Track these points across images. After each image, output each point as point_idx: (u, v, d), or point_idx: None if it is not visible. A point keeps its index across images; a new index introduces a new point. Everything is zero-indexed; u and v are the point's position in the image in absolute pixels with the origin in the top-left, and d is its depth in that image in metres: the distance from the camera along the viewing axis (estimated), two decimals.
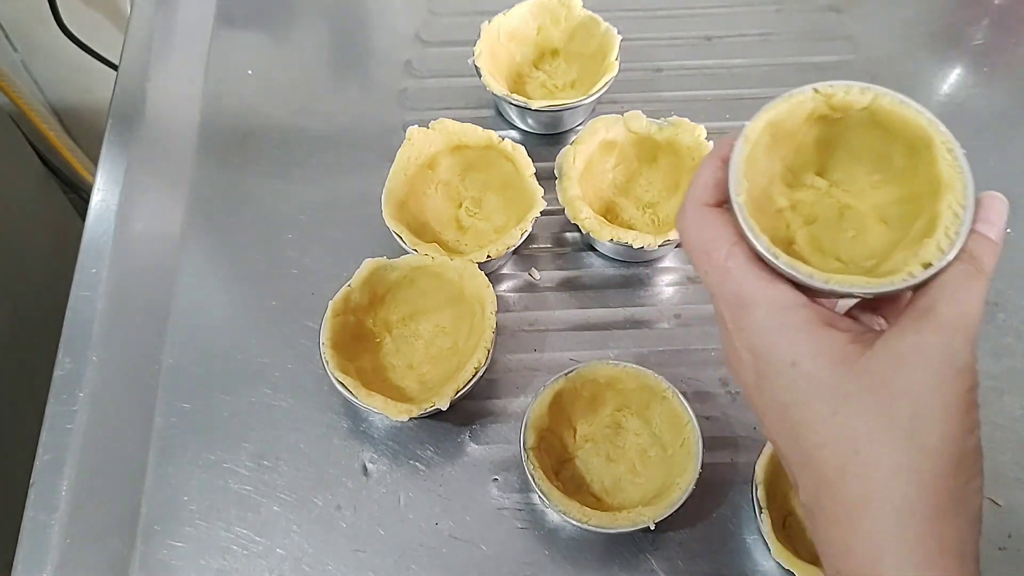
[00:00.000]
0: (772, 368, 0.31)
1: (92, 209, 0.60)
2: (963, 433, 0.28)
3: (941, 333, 0.29)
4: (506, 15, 0.62)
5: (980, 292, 0.30)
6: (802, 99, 0.32)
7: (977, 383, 0.29)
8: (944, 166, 0.31)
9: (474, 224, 0.59)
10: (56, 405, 0.52)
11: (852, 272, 0.33)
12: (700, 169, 0.33)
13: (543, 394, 0.49)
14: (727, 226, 0.32)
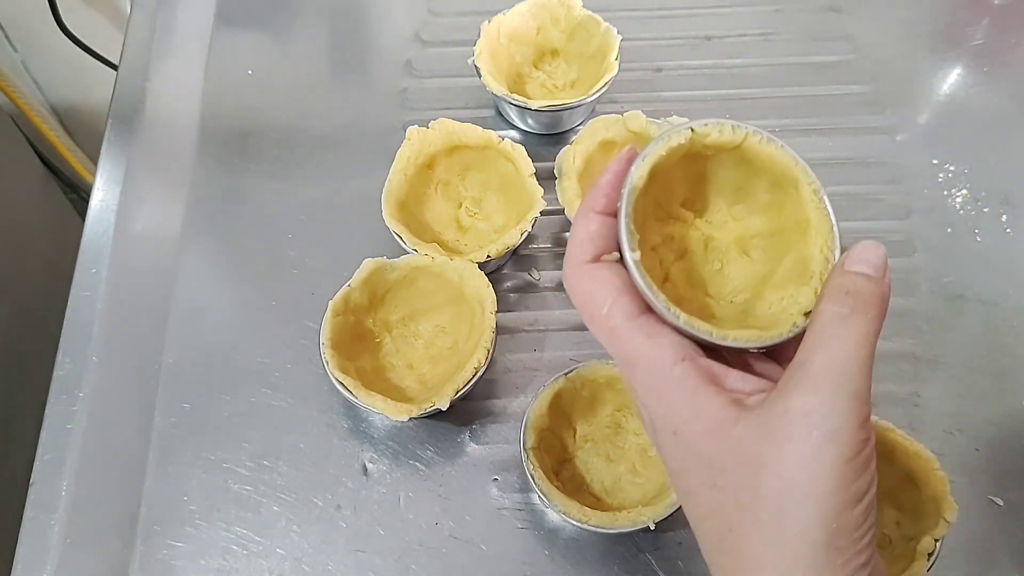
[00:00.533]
0: (660, 433, 0.30)
1: (92, 209, 0.60)
2: (837, 511, 0.26)
3: (809, 395, 0.26)
4: (506, 15, 0.62)
5: (856, 336, 0.27)
6: (680, 142, 0.31)
7: (862, 445, 0.26)
8: (811, 207, 0.31)
9: (474, 224, 0.59)
10: (56, 405, 0.52)
11: (733, 318, 0.33)
12: (575, 226, 0.32)
13: (543, 394, 0.49)
14: (605, 283, 0.30)
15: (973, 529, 0.49)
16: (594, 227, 0.31)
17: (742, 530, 0.27)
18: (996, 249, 0.59)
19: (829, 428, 0.26)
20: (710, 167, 0.34)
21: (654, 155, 0.31)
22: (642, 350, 0.29)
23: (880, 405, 0.53)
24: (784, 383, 0.28)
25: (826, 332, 0.28)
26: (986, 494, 0.50)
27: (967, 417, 0.53)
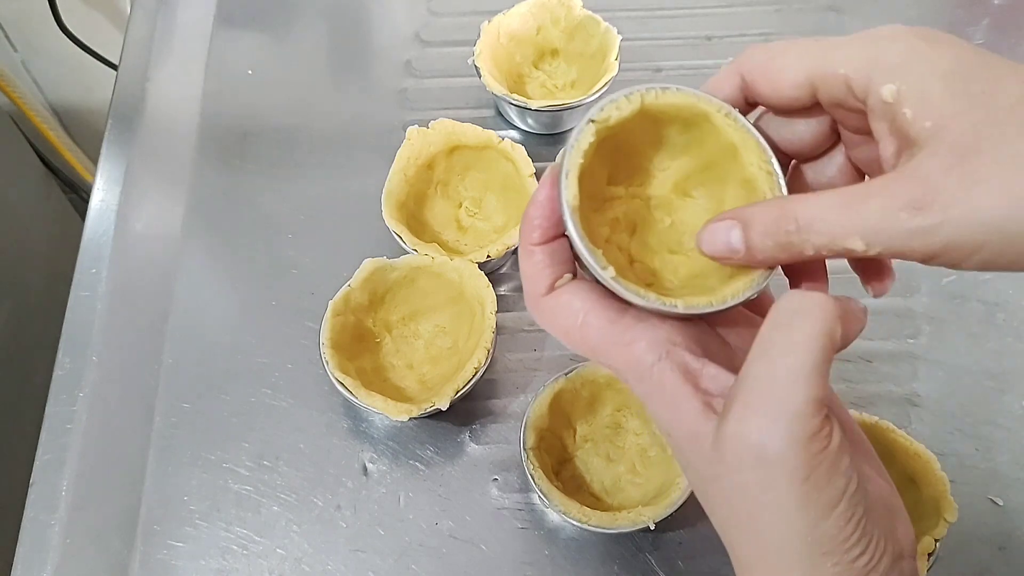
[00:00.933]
0: (661, 432, 0.30)
1: (92, 209, 0.60)
2: (809, 526, 0.25)
3: (743, 421, 0.25)
4: (506, 15, 0.62)
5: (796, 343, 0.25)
6: (591, 140, 0.30)
7: (816, 459, 0.24)
8: (731, 132, 0.30)
9: (474, 224, 0.59)
10: (56, 405, 0.52)
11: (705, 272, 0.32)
12: (521, 264, 0.31)
13: (543, 394, 0.49)
14: (568, 308, 0.29)
15: (973, 529, 0.49)
16: (538, 258, 0.30)
17: (732, 536, 0.28)
18: None
19: (773, 455, 0.25)
20: (622, 139, 0.33)
21: (575, 167, 0.30)
22: (621, 359, 0.29)
23: (880, 405, 0.53)
24: (729, 398, 0.26)
25: (765, 339, 0.26)
26: (986, 494, 0.50)
27: (967, 417, 0.53)
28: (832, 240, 0.26)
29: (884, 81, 0.26)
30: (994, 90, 0.24)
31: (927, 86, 0.25)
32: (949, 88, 0.24)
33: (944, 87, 0.25)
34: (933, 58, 0.25)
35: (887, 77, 0.26)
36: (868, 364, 0.55)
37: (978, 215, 0.24)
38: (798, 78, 0.28)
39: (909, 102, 0.25)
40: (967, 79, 0.24)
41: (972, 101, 0.24)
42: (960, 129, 0.24)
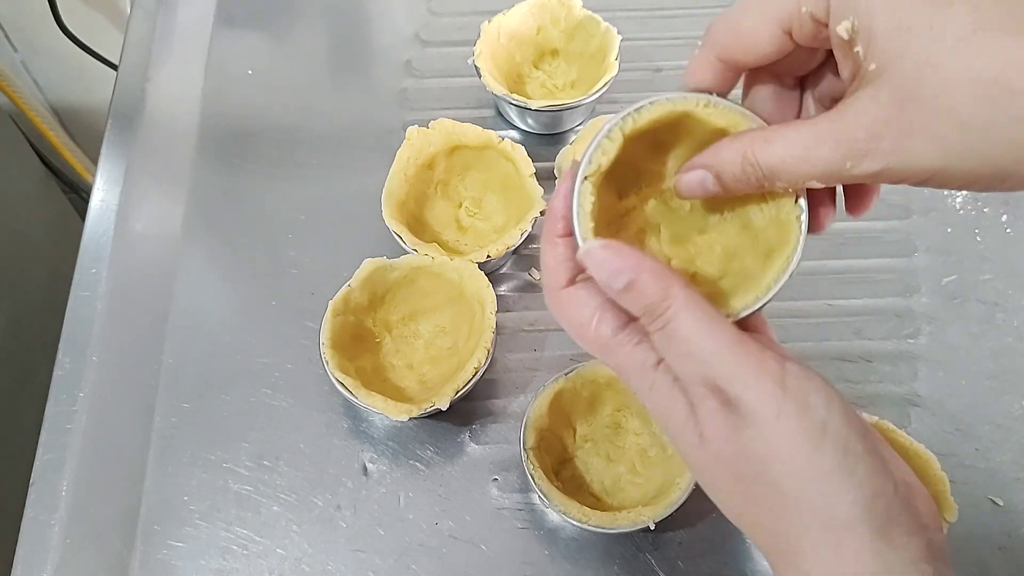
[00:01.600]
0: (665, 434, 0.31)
1: (92, 209, 0.60)
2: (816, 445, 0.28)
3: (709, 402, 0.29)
4: (506, 15, 0.62)
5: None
6: (591, 196, 0.31)
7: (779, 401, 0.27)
8: (714, 118, 0.31)
9: (474, 224, 0.59)
10: (56, 405, 0.52)
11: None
12: (544, 255, 0.32)
13: (543, 394, 0.49)
14: (585, 303, 0.31)
15: (973, 529, 0.49)
16: (561, 251, 0.31)
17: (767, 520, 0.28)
18: (996, 249, 0.59)
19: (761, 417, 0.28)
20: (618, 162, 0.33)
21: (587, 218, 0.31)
22: (628, 358, 0.30)
23: (880, 405, 0.53)
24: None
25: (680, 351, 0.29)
26: (986, 494, 0.50)
27: (967, 417, 0.53)
28: (794, 182, 0.29)
29: (841, 17, 0.26)
30: (943, 23, 0.24)
31: (876, 23, 0.25)
32: (896, 25, 0.25)
33: (891, 24, 0.25)
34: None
35: (842, 11, 0.26)
36: (868, 364, 0.55)
37: (915, 163, 0.25)
38: (771, 32, 0.29)
39: (861, 38, 0.26)
40: (914, 11, 0.25)
41: (917, 40, 0.24)
42: (902, 73, 0.25)
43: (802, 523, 0.27)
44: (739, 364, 0.27)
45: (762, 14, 0.28)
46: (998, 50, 0.23)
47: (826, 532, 0.27)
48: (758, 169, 0.29)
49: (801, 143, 0.28)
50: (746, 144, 0.29)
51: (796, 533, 0.28)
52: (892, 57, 0.25)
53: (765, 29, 0.28)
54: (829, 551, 0.27)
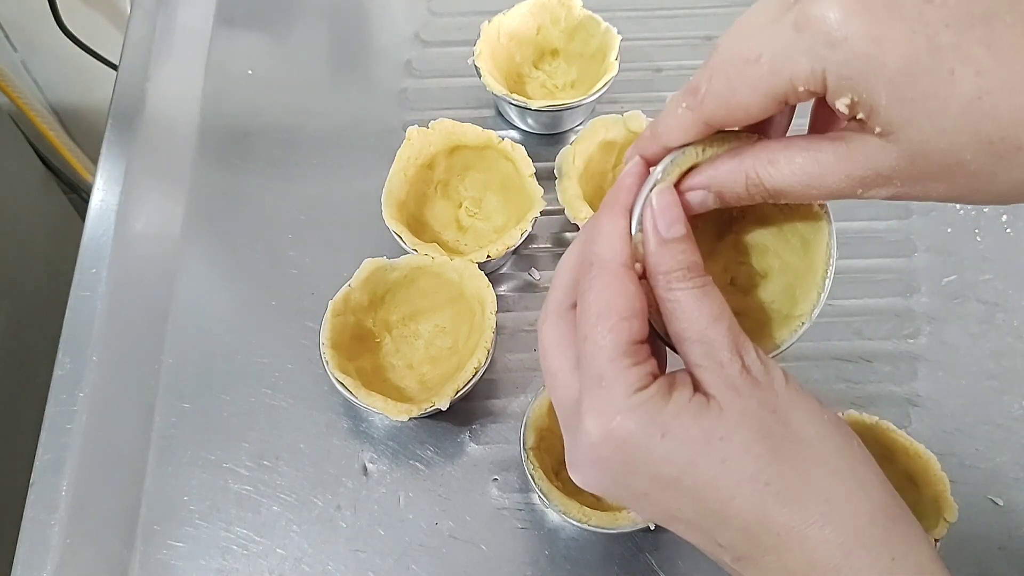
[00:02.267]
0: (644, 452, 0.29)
1: (92, 209, 0.60)
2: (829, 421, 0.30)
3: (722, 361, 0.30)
4: (506, 15, 0.62)
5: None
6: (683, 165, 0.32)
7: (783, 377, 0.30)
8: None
9: (474, 224, 0.59)
10: (56, 405, 0.52)
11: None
12: (608, 226, 0.31)
13: (543, 394, 0.49)
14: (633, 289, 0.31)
15: (973, 529, 0.49)
16: (624, 225, 0.31)
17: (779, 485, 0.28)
18: (996, 249, 0.59)
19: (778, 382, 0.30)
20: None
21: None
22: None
23: (880, 405, 0.53)
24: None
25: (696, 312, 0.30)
26: (986, 494, 0.50)
27: (967, 417, 0.53)
28: (800, 200, 0.30)
29: (838, 94, 0.26)
30: (947, 94, 0.25)
31: (877, 99, 0.26)
32: (899, 98, 0.25)
33: (893, 98, 0.25)
34: (882, 63, 0.25)
35: (841, 89, 0.26)
36: (868, 364, 0.55)
37: (925, 196, 0.28)
38: (763, 105, 0.28)
39: (863, 110, 0.26)
40: (915, 86, 0.25)
41: (922, 110, 0.25)
42: (909, 138, 0.26)
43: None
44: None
45: (754, 89, 0.28)
46: (1003, 112, 0.24)
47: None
48: (763, 190, 0.29)
49: (808, 172, 0.28)
50: (748, 165, 0.30)
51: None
52: (897, 126, 0.26)
53: (758, 103, 0.28)
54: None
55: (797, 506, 0.28)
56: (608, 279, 0.30)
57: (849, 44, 0.25)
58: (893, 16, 0.25)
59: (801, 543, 0.28)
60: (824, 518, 0.28)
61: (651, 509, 0.31)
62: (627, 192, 0.31)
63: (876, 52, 0.25)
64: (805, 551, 0.28)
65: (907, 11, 0.25)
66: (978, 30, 0.24)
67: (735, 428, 0.28)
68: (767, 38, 0.27)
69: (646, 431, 0.28)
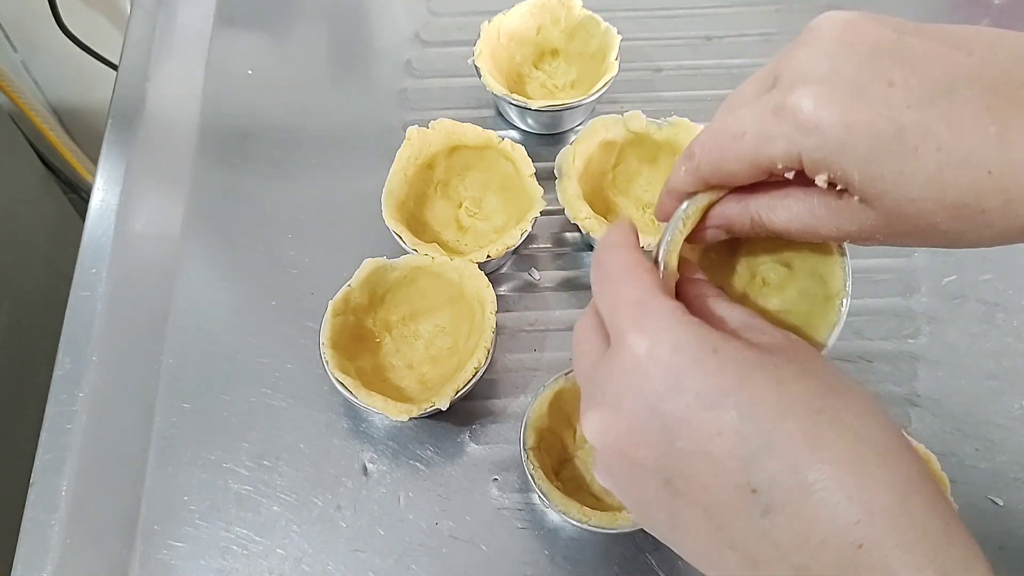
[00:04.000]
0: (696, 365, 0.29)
1: (92, 209, 0.60)
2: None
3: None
4: (506, 15, 0.62)
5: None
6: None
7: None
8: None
9: (474, 224, 0.59)
10: (56, 405, 0.52)
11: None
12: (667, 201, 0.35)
13: (543, 394, 0.49)
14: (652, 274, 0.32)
15: (973, 529, 0.49)
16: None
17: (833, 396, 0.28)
18: (996, 249, 0.58)
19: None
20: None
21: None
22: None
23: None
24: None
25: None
26: (986, 494, 0.50)
27: (967, 417, 0.53)
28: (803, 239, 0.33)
29: (815, 172, 0.29)
30: (911, 169, 0.27)
31: (850, 176, 0.28)
32: (870, 176, 0.28)
33: (865, 176, 0.28)
34: (851, 146, 0.28)
35: (816, 168, 0.29)
36: (868, 364, 0.55)
37: (909, 245, 0.30)
38: (751, 174, 0.31)
39: (840, 183, 0.29)
40: (883, 164, 0.27)
41: (893, 184, 0.27)
42: (883, 206, 0.28)
43: None
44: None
45: (739, 161, 0.31)
46: (964, 181, 0.27)
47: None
48: (767, 230, 0.33)
49: (803, 221, 0.31)
50: (752, 209, 0.32)
51: None
52: (872, 197, 0.28)
53: (745, 172, 0.31)
54: None
55: (850, 445, 0.26)
56: (624, 251, 0.32)
57: (821, 131, 0.28)
58: (860, 102, 0.27)
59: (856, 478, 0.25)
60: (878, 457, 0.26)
61: (681, 445, 0.28)
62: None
63: (846, 137, 0.27)
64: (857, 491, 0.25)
65: (872, 96, 0.27)
66: (939, 106, 0.27)
67: (786, 362, 0.28)
68: (750, 118, 0.30)
69: (699, 344, 0.28)
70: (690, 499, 0.28)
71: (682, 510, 0.29)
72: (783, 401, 0.27)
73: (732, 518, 0.27)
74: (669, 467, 0.28)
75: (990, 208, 0.27)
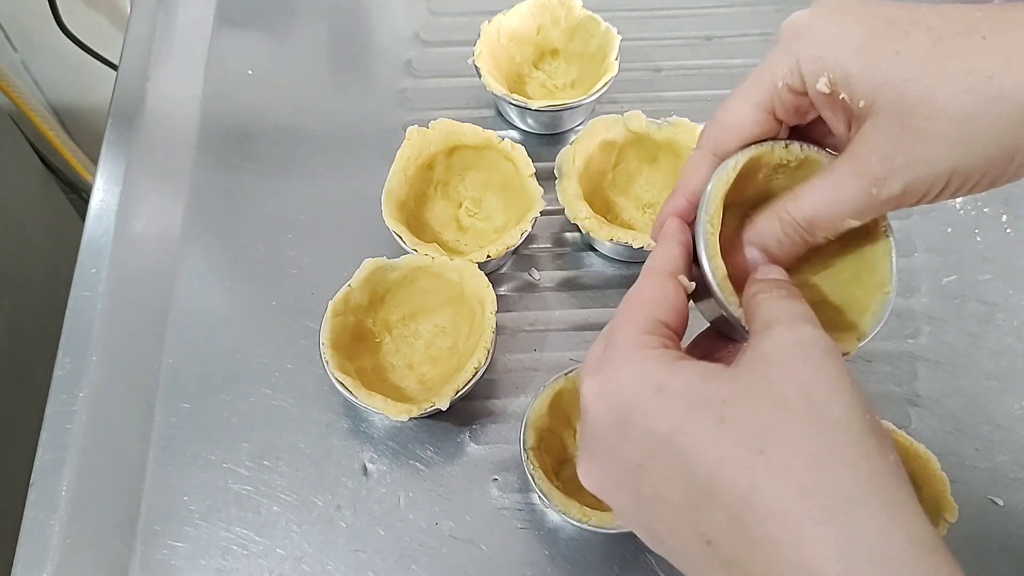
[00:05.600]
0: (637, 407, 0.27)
1: (92, 209, 0.60)
2: (863, 407, 0.25)
3: (790, 329, 0.28)
4: (506, 15, 0.62)
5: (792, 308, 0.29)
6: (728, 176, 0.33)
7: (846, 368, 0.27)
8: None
9: (474, 224, 0.59)
10: (56, 405, 0.52)
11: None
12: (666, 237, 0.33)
13: (543, 394, 0.49)
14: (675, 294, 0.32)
15: (973, 529, 0.49)
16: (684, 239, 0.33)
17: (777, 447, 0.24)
18: (996, 249, 0.59)
19: (823, 344, 0.27)
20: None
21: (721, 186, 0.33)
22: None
23: (880, 405, 0.53)
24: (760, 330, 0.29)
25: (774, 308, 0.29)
26: (986, 494, 0.50)
27: (967, 417, 0.53)
28: (834, 229, 0.31)
29: (816, 76, 0.30)
30: (907, 47, 0.28)
31: (849, 69, 0.29)
32: (867, 64, 0.28)
33: (863, 64, 0.28)
34: (846, 37, 0.29)
35: (815, 71, 0.29)
36: (868, 364, 0.55)
37: (931, 169, 0.28)
38: (755, 116, 0.32)
39: (841, 86, 0.29)
40: (879, 48, 0.28)
41: (890, 68, 0.28)
42: (888, 98, 0.28)
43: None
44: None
45: (744, 100, 0.32)
46: (961, 50, 0.27)
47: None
48: (796, 225, 0.31)
49: (827, 189, 0.30)
50: (778, 208, 0.32)
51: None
52: (875, 89, 0.28)
53: (749, 115, 0.32)
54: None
55: (791, 498, 0.23)
56: (649, 279, 0.32)
57: (814, 30, 0.29)
58: (847, 12, 0.29)
59: (794, 536, 0.23)
60: (824, 513, 0.23)
61: (644, 491, 0.27)
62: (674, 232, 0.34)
63: (839, 31, 0.29)
64: (798, 552, 0.23)
65: (858, 8, 0.29)
66: (924, 4, 0.28)
67: (740, 392, 0.26)
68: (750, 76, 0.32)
69: (641, 384, 0.27)
70: (668, 546, 0.28)
71: (670, 553, 0.28)
72: (722, 443, 0.25)
73: (705, 566, 0.26)
74: (644, 512, 0.28)
75: (995, 72, 0.27)
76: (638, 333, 0.29)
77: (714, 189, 0.33)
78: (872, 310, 0.34)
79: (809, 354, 0.26)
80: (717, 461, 0.25)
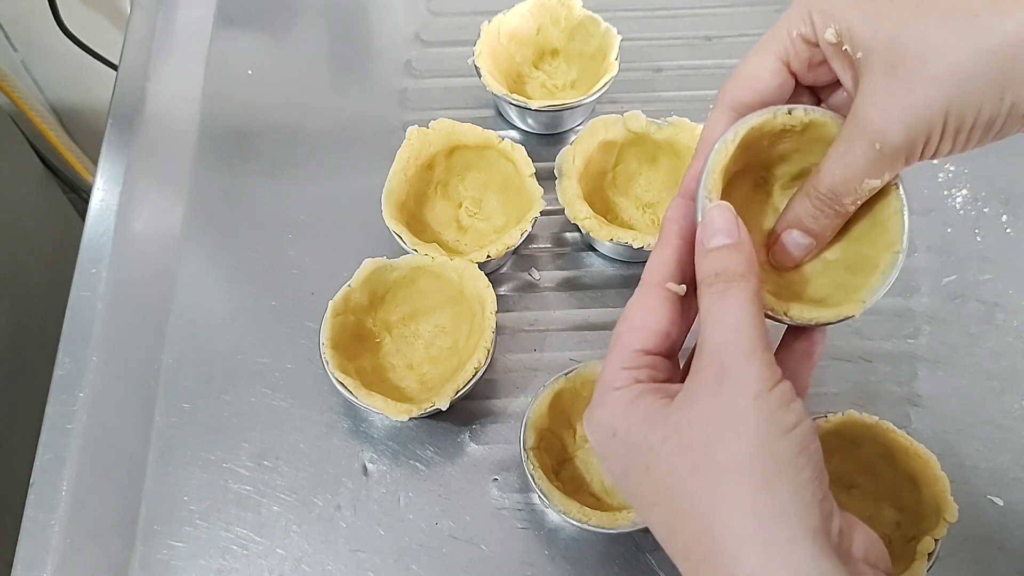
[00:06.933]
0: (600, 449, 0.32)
1: (92, 209, 0.60)
2: (761, 444, 0.27)
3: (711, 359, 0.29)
4: (506, 15, 0.62)
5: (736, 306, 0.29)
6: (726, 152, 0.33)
7: (770, 383, 0.28)
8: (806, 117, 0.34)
9: (474, 224, 0.59)
10: (56, 405, 0.52)
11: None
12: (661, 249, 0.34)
13: (543, 394, 0.49)
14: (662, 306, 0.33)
15: (973, 529, 0.49)
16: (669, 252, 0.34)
17: (682, 491, 0.28)
18: (996, 249, 0.59)
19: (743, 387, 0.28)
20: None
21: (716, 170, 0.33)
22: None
23: (880, 405, 0.53)
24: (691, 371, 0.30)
25: (711, 316, 0.30)
26: (986, 494, 0.50)
27: (967, 417, 0.53)
28: (859, 193, 0.32)
29: (825, 26, 0.31)
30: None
31: (851, 18, 0.30)
32: (865, 12, 0.29)
33: (862, 14, 0.30)
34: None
35: (824, 23, 0.31)
36: (868, 364, 0.55)
37: (927, 112, 0.28)
38: (771, 68, 0.33)
39: (845, 37, 0.30)
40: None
41: (884, 15, 0.29)
42: (882, 45, 0.29)
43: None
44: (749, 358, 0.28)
45: (760, 52, 0.33)
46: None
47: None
48: (823, 198, 0.33)
49: (839, 154, 0.31)
50: (807, 186, 0.33)
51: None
52: (871, 37, 0.29)
53: (765, 66, 0.33)
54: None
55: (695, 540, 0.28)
56: (641, 292, 0.33)
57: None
58: None
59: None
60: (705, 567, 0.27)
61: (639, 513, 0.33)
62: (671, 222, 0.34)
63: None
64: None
65: None
66: None
67: (664, 436, 0.29)
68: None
69: (603, 430, 0.31)
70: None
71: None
72: (647, 491, 0.29)
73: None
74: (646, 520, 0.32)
75: (980, 10, 0.27)
76: (616, 368, 0.32)
77: (712, 163, 0.33)
78: (881, 269, 0.34)
79: (720, 389, 0.28)
80: (649, 506, 0.29)
